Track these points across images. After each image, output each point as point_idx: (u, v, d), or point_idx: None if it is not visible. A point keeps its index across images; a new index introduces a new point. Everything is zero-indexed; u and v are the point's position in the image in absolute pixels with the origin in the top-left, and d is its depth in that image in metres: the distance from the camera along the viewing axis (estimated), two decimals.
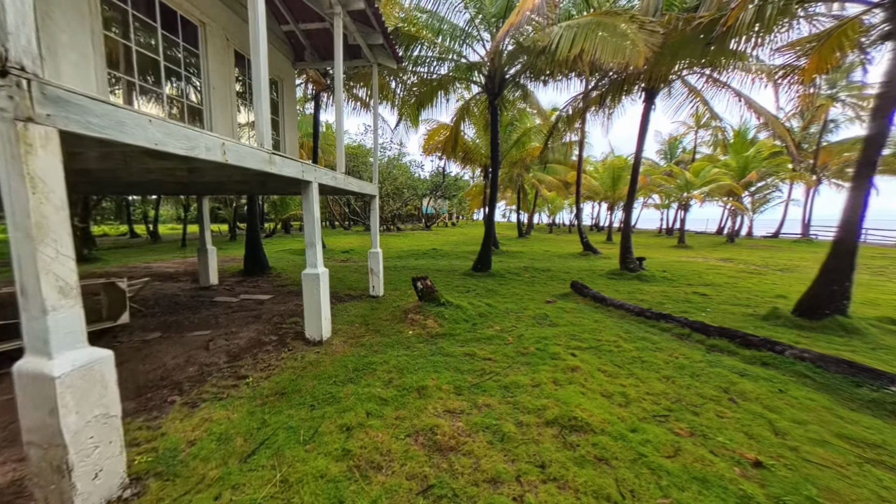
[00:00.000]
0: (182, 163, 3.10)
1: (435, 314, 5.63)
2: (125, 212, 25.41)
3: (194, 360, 4.25)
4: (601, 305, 6.59)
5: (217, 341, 4.85)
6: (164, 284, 8.52)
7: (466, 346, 4.52)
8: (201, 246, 8.17)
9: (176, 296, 7.41)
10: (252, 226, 10.05)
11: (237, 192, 7.49)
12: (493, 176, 10.62)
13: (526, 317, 5.95)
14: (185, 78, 5.24)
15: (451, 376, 3.62)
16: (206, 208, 8.09)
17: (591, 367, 3.76)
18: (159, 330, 5.35)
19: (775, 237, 29.07)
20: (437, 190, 37.91)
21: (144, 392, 3.46)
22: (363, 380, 3.56)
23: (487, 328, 5.28)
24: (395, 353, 4.28)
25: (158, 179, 4.57)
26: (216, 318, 5.97)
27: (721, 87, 9.94)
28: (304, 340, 4.88)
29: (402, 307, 6.23)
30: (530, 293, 8.02)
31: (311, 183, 4.55)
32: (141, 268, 10.94)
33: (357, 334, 5.21)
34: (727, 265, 13.32)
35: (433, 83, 10.92)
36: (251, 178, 4.49)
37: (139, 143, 2.22)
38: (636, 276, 9.94)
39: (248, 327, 5.47)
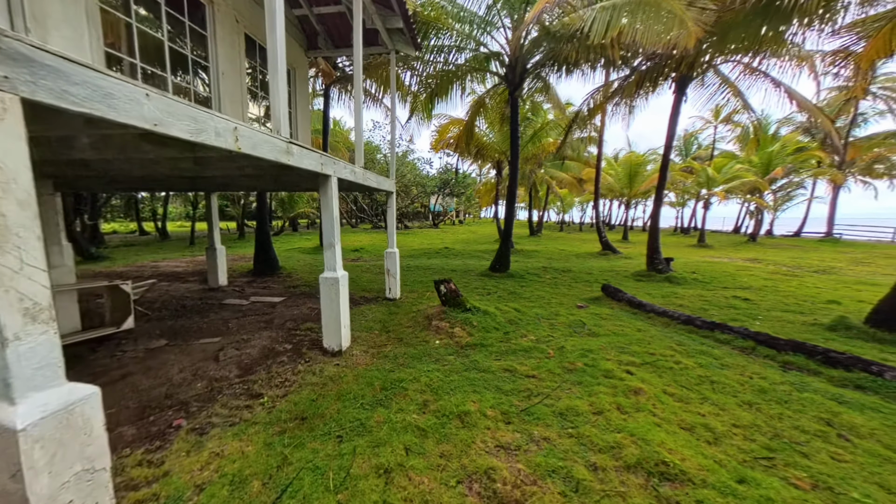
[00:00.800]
0: (187, 151, 2.65)
1: (462, 321, 5.15)
2: (134, 209, 25.33)
3: (203, 373, 3.83)
4: (640, 311, 6.06)
5: (227, 351, 4.43)
6: (172, 285, 8.16)
7: (503, 360, 4.04)
8: (210, 245, 7.79)
9: (184, 298, 7.04)
10: (262, 224, 9.67)
11: (248, 188, 7.08)
12: (512, 171, 10.09)
13: (560, 324, 5.45)
14: (192, 63, 4.80)
15: (493, 398, 3.14)
16: (215, 206, 7.70)
17: (654, 388, 3.25)
18: (165, 336, 4.96)
19: (797, 236, 28.06)
20: (445, 187, 37.40)
21: (147, 413, 3.04)
22: (394, 402, 3.10)
23: (521, 337, 4.80)
24: (424, 368, 3.82)
25: (163, 174, 4.15)
26: (226, 323, 5.57)
27: (759, 76, 9.28)
28: (321, 350, 4.45)
29: (423, 312, 5.77)
30: (557, 296, 7.51)
31: (331, 177, 4.09)
32: (148, 267, 10.64)
33: (378, 343, 4.77)
34: (756, 266, 12.65)
35: (449, 74, 10.41)
36: (265, 172, 4.04)
37: (133, 122, 1.76)
38: (665, 277, 9.36)
39: (261, 334, 5.06)
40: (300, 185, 5.49)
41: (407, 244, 18.48)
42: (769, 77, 9.03)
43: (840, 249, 18.89)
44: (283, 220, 25.28)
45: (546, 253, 16.11)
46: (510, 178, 10.10)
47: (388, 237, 7.17)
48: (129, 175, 4.31)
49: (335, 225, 4.23)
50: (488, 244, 19.36)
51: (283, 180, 4.83)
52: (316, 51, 7.43)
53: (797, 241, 23.88)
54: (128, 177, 4.67)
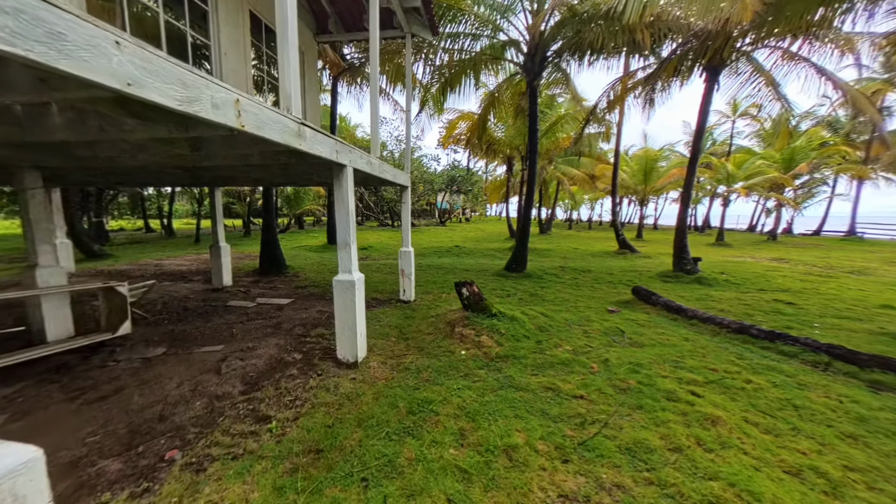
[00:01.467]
0: (179, 130, 2.18)
1: (488, 328, 4.66)
2: (140, 206, 25.15)
3: (203, 388, 3.39)
4: (680, 317, 5.52)
5: (231, 361, 3.99)
6: (175, 285, 7.77)
7: (541, 375, 3.55)
8: (214, 243, 7.38)
9: (186, 299, 6.63)
10: (268, 222, 9.25)
11: (254, 182, 6.64)
12: (530, 167, 9.56)
13: (595, 332, 4.95)
14: (192, 45, 4.34)
15: (541, 426, 2.66)
16: (220, 202, 7.28)
17: (732, 416, 2.74)
18: (164, 343, 4.53)
19: (816, 234, 27.12)
20: (452, 184, 36.87)
21: (136, 441, 2.60)
22: (425, 430, 2.63)
23: (556, 348, 4.30)
24: (454, 385, 3.34)
25: (157, 163, 3.70)
26: (230, 327, 5.14)
27: (797, 63, 8.63)
28: (334, 361, 3.99)
29: (444, 317, 5.29)
30: (582, 299, 6.99)
31: (346, 167, 3.62)
32: (151, 265, 10.29)
33: (397, 352, 4.30)
34: (785, 266, 11.99)
35: (463, 64, 9.88)
36: (273, 161, 3.58)
37: (97, 77, 1.29)
38: (695, 279, 8.79)
39: (267, 341, 4.61)
40: (311, 177, 5.01)
41: (416, 242, 18.01)
42: (811, 64, 8.38)
43: (866, 249, 18.08)
44: (289, 217, 24.95)
45: (560, 251, 15.55)
46: (529, 173, 9.57)
47: (403, 235, 6.69)
48: (120, 166, 3.87)
49: (350, 222, 3.76)
50: (499, 242, 18.83)
51: (292, 172, 4.36)
52: (326, 35, 6.95)
53: (818, 240, 23.02)
54: (120, 168, 4.24)
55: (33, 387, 3.39)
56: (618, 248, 14.84)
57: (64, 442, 2.55)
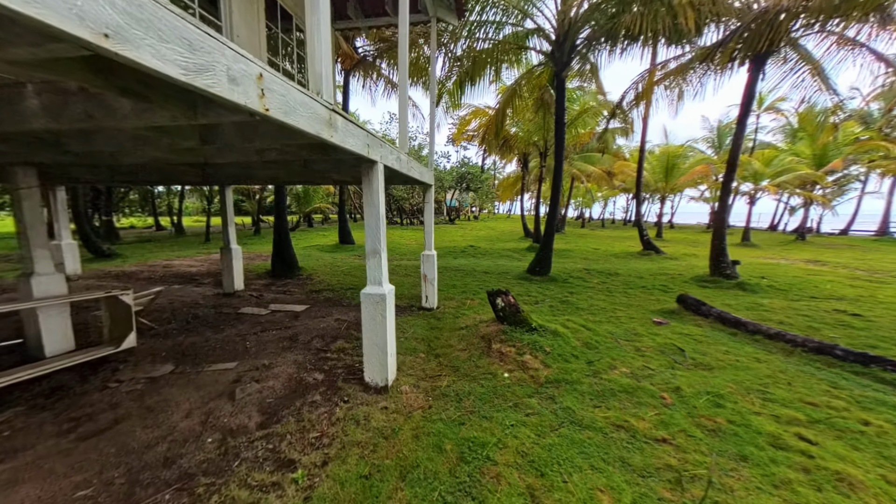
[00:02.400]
0: (185, 114, 1.70)
1: (530, 345, 4.15)
2: (150, 203, 25.09)
3: (215, 419, 2.94)
4: (740, 332, 4.94)
5: (245, 382, 3.54)
6: (184, 289, 7.39)
7: (606, 408, 3.03)
8: (225, 245, 6.97)
9: (196, 305, 6.23)
10: (280, 221, 8.84)
11: (267, 180, 6.19)
12: (557, 162, 8.98)
13: (648, 349, 4.40)
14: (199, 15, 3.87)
15: (627, 483, 2.15)
16: (230, 201, 6.86)
17: (868, 474, 2.20)
18: (172, 359, 4.11)
19: (844, 234, 26.00)
20: (462, 182, 36.30)
21: (137, 496, 2.15)
22: (485, 487, 2.13)
23: (611, 369, 3.77)
24: (504, 420, 2.84)
25: (161, 159, 3.25)
26: (243, 339, 4.71)
27: (853, 47, 7.88)
28: (361, 384, 3.52)
29: (476, 330, 4.79)
30: (620, 307, 6.43)
31: (377, 164, 3.13)
32: (160, 266, 9.96)
33: (429, 373, 3.81)
34: (824, 269, 11.25)
35: (484, 55, 9.32)
36: (293, 157, 3.10)
37: (52, 19, 0.80)
38: (736, 284, 8.15)
39: (284, 357, 4.17)
40: (331, 175, 4.53)
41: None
42: (870, 51, 7.64)
43: None
44: (298, 215, 24.67)
45: (580, 252, 14.94)
46: (555, 170, 8.99)
47: (426, 238, 6.20)
48: (123, 163, 3.43)
49: (380, 226, 3.27)
50: (514, 242, 18.25)
51: (313, 170, 3.88)
52: (344, 21, 6.45)
53: (848, 240, 21.97)
54: (124, 166, 3.80)
55: (24, 414, 2.98)
56: (641, 249, 14.17)
57: (49, 497, 2.11)
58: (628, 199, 45.21)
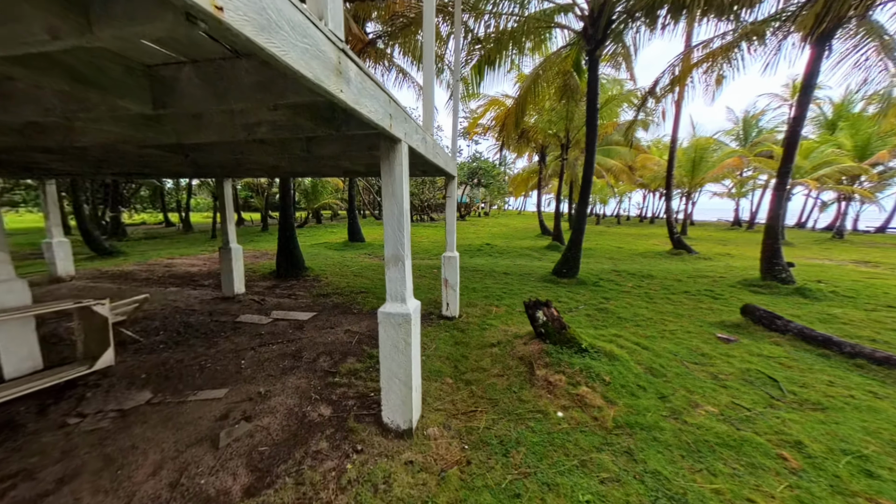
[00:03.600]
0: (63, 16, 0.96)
1: (583, 371, 3.37)
2: (160, 199, 24.86)
3: (189, 479, 2.25)
4: (832, 353, 4.07)
5: (234, 421, 2.85)
6: (181, 292, 6.78)
7: (708, 471, 2.24)
8: (224, 245, 6.32)
9: (190, 311, 5.60)
10: (286, 218, 8.17)
11: (267, 171, 5.48)
12: (588, 153, 8.11)
13: (726, 375, 3.58)
14: None
15: None
16: (229, 195, 6.20)
17: None
18: (152, 383, 3.45)
19: (881, 232, 24.41)
20: (473, 177, 35.41)
21: None
22: None
23: (692, 407, 2.97)
24: (576, 491, 2.08)
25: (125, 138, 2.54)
26: (238, 357, 4.03)
27: None
28: (378, 424, 2.79)
29: (511, 348, 4.02)
30: (668, 317, 5.59)
31: (400, 143, 2.37)
32: (161, 265, 9.42)
33: (462, 407, 3.07)
34: (881, 272, 10.15)
35: (505, 36, 8.49)
36: (291, 132, 2.36)
37: None
38: (795, 289, 7.20)
39: (285, 381, 3.47)
40: (339, 161, 3.76)
41: (440, 239, 16.78)
42: None
43: None
44: (307, 211, 24.15)
45: (602, 251, 14.01)
46: (586, 161, 8.13)
47: (447, 237, 5.43)
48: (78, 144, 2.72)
49: (404, 224, 2.52)
50: (530, 240, 17.38)
51: (318, 154, 3.12)
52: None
53: (890, 238, 20.48)
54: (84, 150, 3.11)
55: None
56: (671, 248, 13.18)
57: None
58: (644, 195, 43.71)
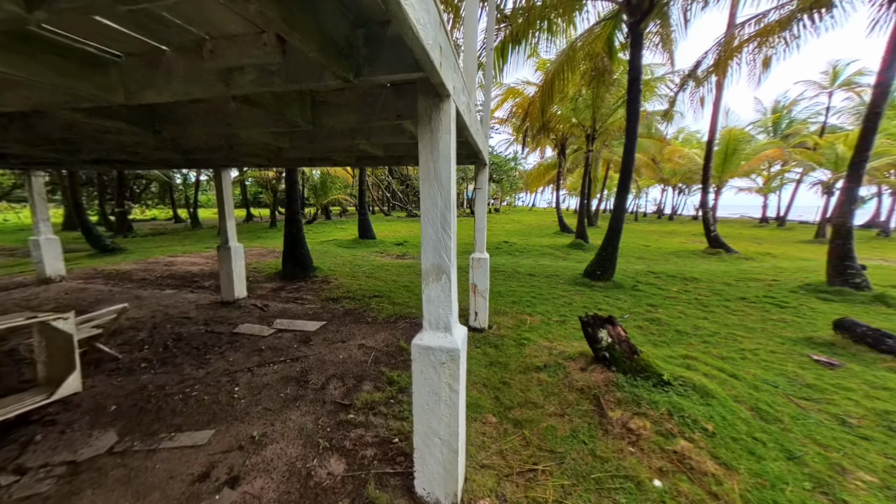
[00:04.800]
0: None
1: (673, 413, 2.56)
2: (169, 195, 24.64)
3: None
4: None
5: (215, 488, 2.12)
6: (176, 295, 6.14)
7: None
8: (222, 244, 5.64)
9: (183, 320, 4.93)
10: (292, 214, 7.48)
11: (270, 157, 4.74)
12: (628, 141, 7.21)
13: (858, 420, 2.73)
14: None
15: None
16: (228, 187, 5.51)
17: None
18: (121, 420, 2.76)
19: None
20: None
21: None
22: None
23: (835, 471, 2.15)
24: None
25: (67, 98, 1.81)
26: (231, 381, 3.33)
27: None
28: (410, 497, 2.04)
29: (564, 373, 3.23)
30: (740, 332, 4.72)
31: (448, 99, 1.58)
32: (160, 264, 8.84)
33: (516, 462, 2.30)
34: None
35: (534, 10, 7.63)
36: (284, 66, 1.58)
37: None
38: (874, 297, 6.22)
39: (286, 419, 2.74)
40: (358, 137, 2.97)
41: None
42: None
43: None
44: (315, 207, 23.59)
45: (630, 250, 13.04)
46: (626, 149, 7.23)
47: (476, 235, 4.64)
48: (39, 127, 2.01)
49: (451, 220, 1.74)
50: (549, 237, 16.47)
51: (326, 125, 2.33)
52: None
53: None
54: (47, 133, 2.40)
55: None
56: (707, 247, 12.16)
57: None
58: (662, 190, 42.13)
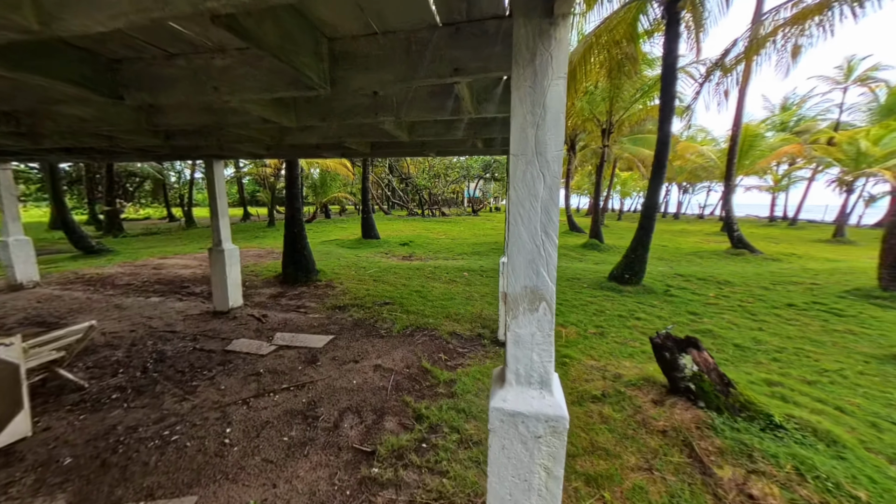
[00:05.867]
0: None
1: (803, 470, 1.94)
2: (163, 193, 23.87)
3: None
4: None
5: None
6: (163, 304, 5.47)
7: None
8: (215, 244, 4.97)
9: (169, 334, 4.27)
10: (293, 212, 6.82)
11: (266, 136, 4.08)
12: (662, 132, 6.60)
13: None
14: None
15: None
16: (221, 180, 4.85)
17: None
18: (74, 483, 2.11)
19: None
20: (487, 170, 33.85)
21: None
22: None
23: None
24: None
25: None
26: (223, 416, 2.68)
27: None
28: None
29: (632, 407, 2.61)
30: (808, 348, 4.11)
31: (566, 20, 0.93)
32: (149, 267, 8.16)
33: None
34: None
35: None
36: None
37: None
38: None
39: (292, 475, 2.11)
40: (383, 110, 2.30)
41: (458, 235, 15.35)
42: None
43: None
44: (315, 206, 22.89)
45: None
46: (659, 140, 6.62)
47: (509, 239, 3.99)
48: None
49: (553, 217, 1.09)
50: (559, 237, 15.87)
51: (344, 89, 1.67)
52: None
53: None
54: None
55: None
56: (730, 247, 11.57)
57: None
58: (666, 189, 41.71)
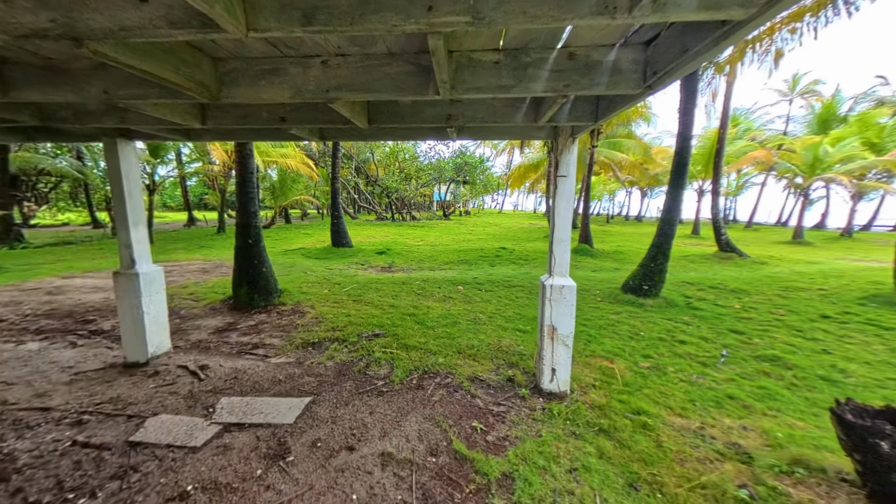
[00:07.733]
0: None
1: None
2: (85, 194, 20.32)
3: None
4: None
5: None
6: (43, 353, 3.75)
7: None
8: (124, 266, 3.41)
9: (34, 418, 2.68)
10: (247, 218, 5.30)
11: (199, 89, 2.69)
12: (683, 125, 5.92)
13: None
14: None
15: None
16: (133, 172, 3.33)
17: None
18: None
19: (866, 230, 24.75)
20: (459, 173, 33.09)
21: None
22: None
23: None
24: None
25: None
26: None
27: None
28: None
29: None
30: (893, 375, 3.44)
31: None
32: (42, 290, 6.12)
33: None
34: None
35: None
36: None
37: None
38: None
39: None
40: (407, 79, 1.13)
41: (437, 241, 14.20)
42: None
43: None
44: (274, 210, 20.65)
45: (635, 254, 12.04)
46: (680, 135, 5.93)
47: (554, 248, 2.94)
48: None
49: None
50: (541, 242, 15.24)
51: None
52: None
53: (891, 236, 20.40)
54: None
55: None
56: (717, 251, 11.47)
57: None
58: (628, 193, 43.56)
